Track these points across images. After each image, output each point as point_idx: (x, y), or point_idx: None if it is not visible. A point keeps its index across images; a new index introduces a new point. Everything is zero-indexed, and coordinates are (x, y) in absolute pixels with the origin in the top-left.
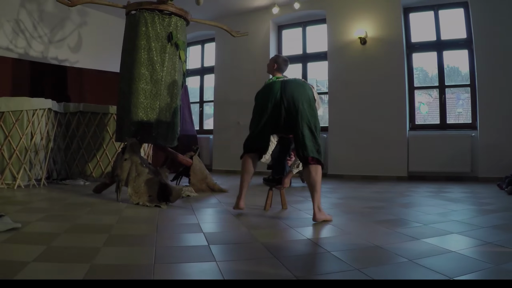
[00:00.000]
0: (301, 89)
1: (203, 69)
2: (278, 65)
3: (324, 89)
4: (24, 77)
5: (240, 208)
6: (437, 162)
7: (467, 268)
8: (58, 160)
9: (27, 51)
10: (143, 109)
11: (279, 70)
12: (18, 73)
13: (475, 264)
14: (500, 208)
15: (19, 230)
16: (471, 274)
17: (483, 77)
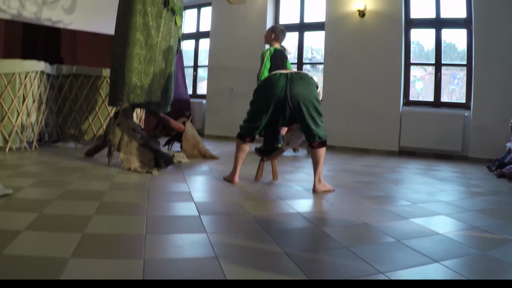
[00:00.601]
0: (309, 88)
1: (198, 33)
2: (276, 35)
3: (319, 57)
4: (17, 39)
5: (235, 183)
6: (429, 139)
7: (453, 253)
8: (50, 123)
9: (20, 12)
10: (137, 74)
11: (277, 40)
12: (10, 35)
13: (462, 248)
14: (488, 191)
15: (11, 196)
16: (457, 259)
17: (480, 58)
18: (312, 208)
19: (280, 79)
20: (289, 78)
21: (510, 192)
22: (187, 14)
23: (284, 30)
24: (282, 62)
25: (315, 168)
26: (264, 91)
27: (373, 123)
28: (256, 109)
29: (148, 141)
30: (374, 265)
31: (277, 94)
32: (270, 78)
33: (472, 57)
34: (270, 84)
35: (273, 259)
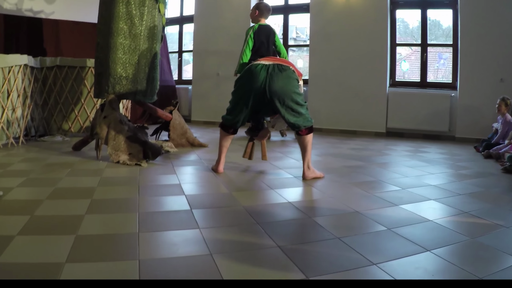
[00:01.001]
0: (289, 82)
1: (182, 18)
2: (260, 11)
3: (304, 36)
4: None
5: (219, 172)
6: (416, 120)
7: (443, 240)
8: (36, 117)
9: (1, 4)
10: (122, 64)
11: (261, 16)
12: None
13: (452, 236)
14: (476, 173)
15: (1, 198)
16: (448, 247)
17: (466, 38)
18: (302, 197)
19: (260, 72)
20: (270, 71)
21: (498, 173)
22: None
23: (268, 6)
24: (267, 39)
25: (303, 155)
26: (244, 82)
27: (360, 104)
28: (236, 100)
29: (136, 133)
30: (367, 256)
31: (256, 87)
32: (251, 70)
33: (458, 37)
34: (250, 76)
35: (267, 254)
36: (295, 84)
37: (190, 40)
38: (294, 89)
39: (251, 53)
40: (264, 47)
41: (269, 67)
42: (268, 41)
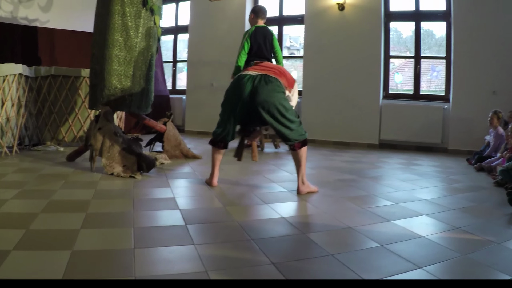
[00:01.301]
0: (274, 95)
1: (177, 27)
2: (256, 14)
3: (297, 45)
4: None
5: (213, 186)
6: (409, 132)
7: (435, 257)
8: (30, 126)
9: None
10: (117, 76)
11: (258, 18)
12: None
13: (444, 252)
14: (469, 187)
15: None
16: (440, 264)
17: (459, 50)
18: (296, 212)
19: (247, 83)
20: (256, 83)
21: (490, 187)
22: (165, 8)
23: (264, 8)
24: (264, 40)
25: (297, 169)
26: (231, 94)
27: (353, 116)
28: (224, 112)
29: (130, 145)
30: (360, 274)
31: (242, 98)
32: (238, 81)
33: (451, 49)
34: (237, 88)
35: (261, 271)
36: (280, 97)
37: (184, 48)
38: (280, 102)
39: (248, 55)
40: (262, 48)
41: (255, 78)
42: (265, 42)
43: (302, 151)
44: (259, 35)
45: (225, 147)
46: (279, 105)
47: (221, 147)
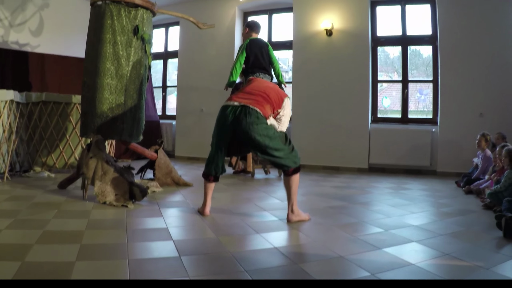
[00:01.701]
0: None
1: (166, 53)
2: (250, 28)
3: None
4: None
5: (205, 215)
6: (398, 155)
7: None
8: (21, 152)
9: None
10: (108, 104)
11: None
12: None
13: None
14: (458, 211)
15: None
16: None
17: (445, 74)
18: (288, 241)
19: (229, 114)
20: (237, 114)
21: (478, 210)
22: (155, 33)
23: (257, 22)
24: (261, 51)
25: (288, 196)
26: (217, 123)
27: (342, 141)
28: (213, 140)
29: (122, 173)
30: None
31: (226, 129)
32: (223, 111)
33: (438, 73)
34: (221, 117)
35: None
36: (260, 129)
37: (173, 70)
38: (261, 133)
39: (246, 66)
40: (259, 58)
41: (237, 110)
42: (262, 52)
43: (293, 178)
44: (255, 46)
45: (215, 180)
46: (260, 136)
47: (211, 180)
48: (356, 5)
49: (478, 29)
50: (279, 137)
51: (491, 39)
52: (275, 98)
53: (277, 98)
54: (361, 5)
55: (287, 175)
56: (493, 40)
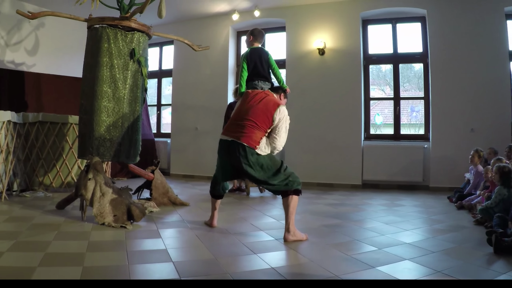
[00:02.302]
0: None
1: (161, 72)
2: (254, 36)
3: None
4: None
5: (213, 226)
6: (391, 171)
7: None
8: (18, 172)
9: None
10: (106, 127)
11: (256, 41)
12: None
13: None
14: (450, 227)
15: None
16: None
17: (437, 90)
18: (284, 261)
19: (224, 148)
20: (229, 148)
21: (470, 226)
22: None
23: (262, 31)
24: (260, 59)
25: (285, 216)
26: (218, 153)
27: (336, 158)
28: (218, 166)
29: (121, 194)
30: None
31: (224, 161)
32: (219, 144)
33: (429, 89)
34: (219, 150)
35: None
36: (252, 162)
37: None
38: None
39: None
40: (258, 67)
41: (229, 145)
42: (261, 61)
43: (290, 199)
44: (254, 55)
45: (220, 197)
46: (252, 169)
47: (217, 197)
48: (348, 24)
49: (467, 46)
50: (273, 165)
51: (481, 56)
52: (263, 118)
53: (266, 115)
54: (352, 24)
55: (283, 196)
56: (482, 56)
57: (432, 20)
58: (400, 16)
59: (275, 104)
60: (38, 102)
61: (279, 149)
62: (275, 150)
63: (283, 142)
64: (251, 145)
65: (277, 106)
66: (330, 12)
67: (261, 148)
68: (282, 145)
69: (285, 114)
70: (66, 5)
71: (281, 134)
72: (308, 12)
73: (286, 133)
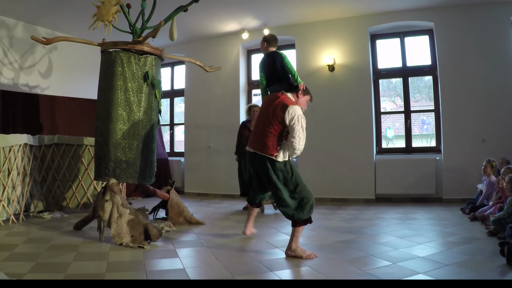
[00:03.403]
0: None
1: (173, 92)
2: (268, 42)
3: None
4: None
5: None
6: (403, 185)
7: None
8: (35, 193)
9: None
10: (122, 149)
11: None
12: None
13: None
14: (463, 239)
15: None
16: None
17: (446, 102)
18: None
19: (250, 159)
20: (254, 159)
21: (483, 237)
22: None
23: (274, 36)
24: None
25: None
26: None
27: (349, 172)
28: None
29: (138, 215)
30: None
31: (253, 170)
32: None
33: (439, 102)
34: (247, 160)
35: None
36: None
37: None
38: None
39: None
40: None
41: (253, 156)
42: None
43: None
44: (268, 61)
45: (257, 206)
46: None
47: (254, 206)
48: (357, 39)
49: (476, 56)
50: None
51: (489, 66)
52: (274, 122)
53: (275, 119)
54: (361, 39)
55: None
56: (491, 66)
57: (440, 33)
58: (408, 30)
59: (284, 105)
60: (52, 124)
61: (298, 151)
62: (294, 153)
63: (301, 143)
64: (270, 154)
65: (286, 108)
66: (339, 28)
67: (280, 155)
68: (300, 146)
69: (297, 113)
70: (79, 28)
71: (296, 135)
72: (317, 29)
73: (303, 132)
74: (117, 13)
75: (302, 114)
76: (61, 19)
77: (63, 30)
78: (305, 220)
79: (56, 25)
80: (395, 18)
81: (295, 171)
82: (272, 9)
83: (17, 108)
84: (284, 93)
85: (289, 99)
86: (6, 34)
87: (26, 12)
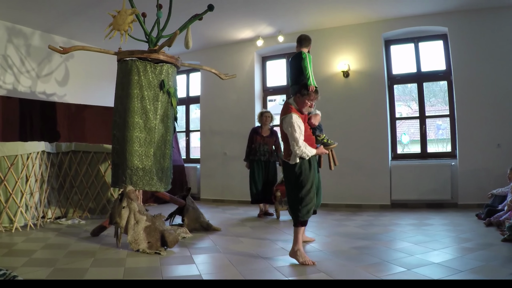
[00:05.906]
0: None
1: (188, 98)
2: (300, 43)
3: None
4: (14, 115)
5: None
6: (419, 190)
7: None
8: (52, 200)
9: (15, 87)
10: (138, 156)
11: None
12: (7, 111)
13: None
14: (478, 245)
15: None
16: None
17: (461, 107)
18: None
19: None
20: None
21: (498, 243)
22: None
23: (307, 36)
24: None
25: None
26: None
27: (364, 178)
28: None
29: (154, 222)
30: None
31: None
32: None
33: (454, 107)
34: None
35: None
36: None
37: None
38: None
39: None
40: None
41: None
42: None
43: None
44: (291, 62)
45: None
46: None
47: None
48: (371, 45)
49: (490, 61)
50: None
51: (504, 70)
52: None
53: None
54: (375, 45)
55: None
56: (506, 71)
57: (454, 37)
58: (422, 35)
59: (281, 117)
60: (69, 132)
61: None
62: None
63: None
64: (287, 158)
65: (281, 119)
66: (353, 34)
67: (292, 158)
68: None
69: (287, 121)
70: (95, 37)
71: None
72: (331, 35)
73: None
74: (133, 22)
75: (296, 120)
76: (78, 29)
77: (79, 39)
78: (302, 222)
79: (73, 34)
80: (409, 24)
81: (306, 175)
82: (286, 16)
83: (35, 115)
84: (287, 100)
85: (286, 108)
86: (23, 43)
87: (43, 21)
